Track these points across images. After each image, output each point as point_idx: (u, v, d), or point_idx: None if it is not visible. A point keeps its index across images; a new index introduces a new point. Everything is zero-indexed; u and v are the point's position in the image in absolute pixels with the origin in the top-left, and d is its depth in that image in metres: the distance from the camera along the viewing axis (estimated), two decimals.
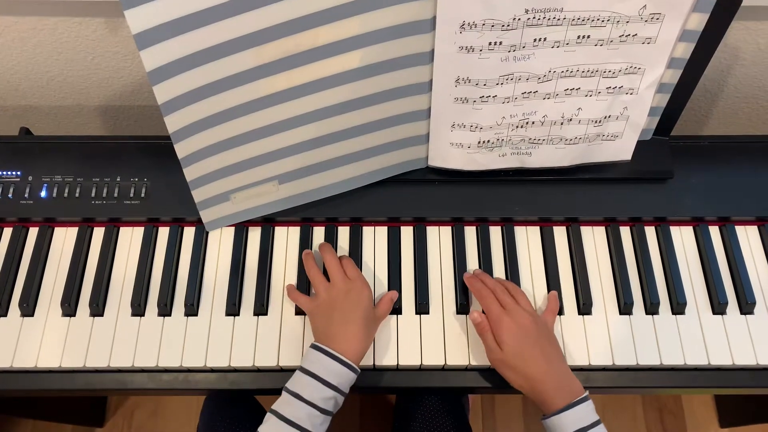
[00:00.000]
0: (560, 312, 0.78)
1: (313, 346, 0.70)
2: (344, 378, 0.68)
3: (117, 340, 0.76)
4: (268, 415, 0.67)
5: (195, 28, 0.58)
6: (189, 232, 0.83)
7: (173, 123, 0.66)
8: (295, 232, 0.83)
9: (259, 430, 0.66)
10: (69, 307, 0.78)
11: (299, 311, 0.78)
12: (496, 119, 0.74)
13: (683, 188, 0.83)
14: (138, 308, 0.78)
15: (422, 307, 0.78)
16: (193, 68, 0.61)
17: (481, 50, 0.66)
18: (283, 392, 0.67)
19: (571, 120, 0.75)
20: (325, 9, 0.60)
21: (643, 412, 1.44)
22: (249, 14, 0.59)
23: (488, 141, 0.77)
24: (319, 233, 0.83)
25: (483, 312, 0.74)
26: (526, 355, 0.69)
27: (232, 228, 0.83)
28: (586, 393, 0.68)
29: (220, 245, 0.82)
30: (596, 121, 0.75)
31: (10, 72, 0.95)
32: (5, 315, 0.78)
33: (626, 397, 1.45)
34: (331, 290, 0.74)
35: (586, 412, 0.66)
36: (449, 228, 0.83)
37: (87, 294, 0.79)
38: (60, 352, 0.76)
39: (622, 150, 0.80)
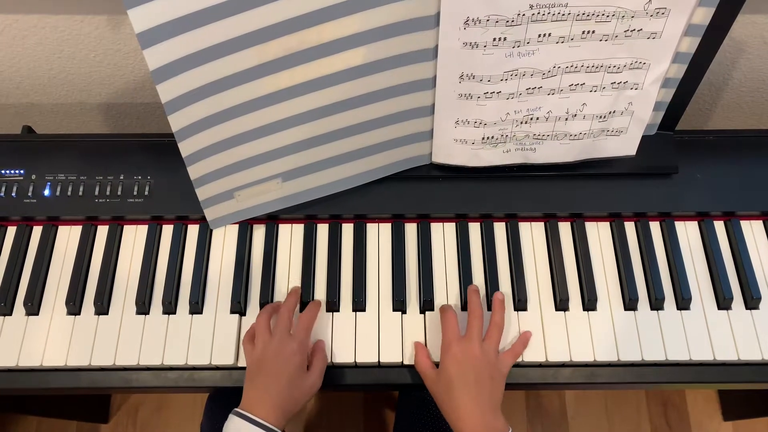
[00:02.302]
0: (565, 308, 0.78)
1: (237, 414, 0.67)
2: None
3: (122, 339, 0.76)
4: None
5: (198, 27, 0.58)
6: (193, 230, 0.83)
7: (177, 121, 0.66)
8: (299, 229, 0.83)
9: None
10: (74, 305, 0.78)
11: (302, 309, 0.77)
12: (501, 115, 0.74)
13: (688, 183, 0.83)
14: (143, 306, 0.78)
15: (427, 304, 0.78)
16: (196, 67, 0.61)
17: (485, 46, 0.66)
18: None
19: (575, 115, 0.75)
20: (328, 6, 0.60)
21: (646, 406, 1.44)
22: (252, 12, 0.58)
23: (492, 137, 0.77)
24: (323, 230, 0.83)
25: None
26: (457, 386, 0.68)
27: (236, 226, 0.83)
28: (509, 430, 0.67)
29: (224, 243, 0.82)
30: (601, 117, 0.75)
31: (11, 70, 0.94)
32: (10, 314, 0.78)
33: (630, 391, 1.45)
34: (266, 347, 0.71)
35: None
36: (453, 225, 0.83)
37: (91, 293, 0.79)
38: (65, 351, 0.76)
39: (627, 145, 0.80)
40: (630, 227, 0.83)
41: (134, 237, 0.83)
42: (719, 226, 0.83)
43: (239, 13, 0.58)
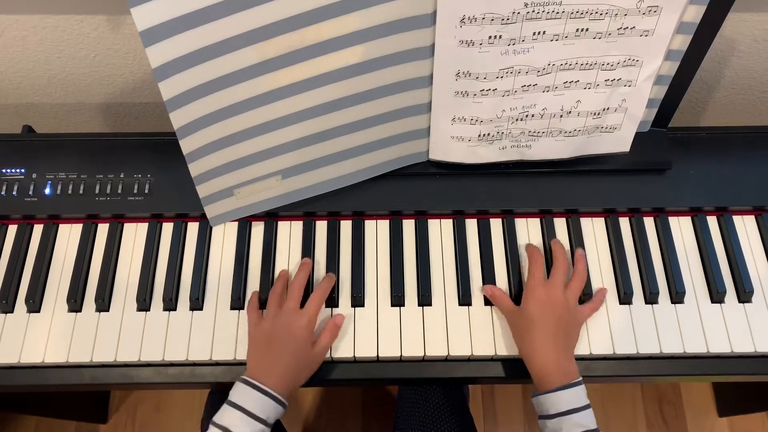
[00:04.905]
0: None
1: (243, 381, 0.69)
2: (273, 412, 0.68)
3: (123, 335, 0.77)
4: None
5: (200, 25, 0.59)
6: (193, 228, 0.84)
7: (178, 119, 0.67)
8: (297, 226, 0.84)
9: None
10: (75, 302, 0.78)
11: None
12: (497, 112, 0.75)
13: (681, 179, 0.84)
14: (143, 303, 0.78)
15: (425, 299, 0.79)
16: (198, 64, 0.62)
17: (481, 44, 0.67)
18: (211, 426, 0.67)
19: (570, 112, 0.76)
20: (326, 4, 0.61)
21: (642, 402, 1.45)
22: (252, 10, 0.59)
23: (488, 134, 0.78)
24: (321, 227, 0.84)
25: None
26: (538, 325, 0.71)
27: (236, 223, 0.83)
28: (581, 378, 0.69)
29: (224, 240, 0.83)
30: (595, 114, 0.76)
31: (11, 70, 0.95)
32: (12, 311, 0.79)
33: (625, 387, 1.46)
34: (276, 320, 0.73)
35: (579, 395, 0.68)
36: (450, 221, 0.84)
37: (93, 290, 0.79)
38: (67, 348, 0.76)
39: (621, 142, 0.81)
40: (624, 223, 0.84)
41: (135, 235, 0.83)
42: (712, 221, 0.84)
43: (240, 12, 0.59)
